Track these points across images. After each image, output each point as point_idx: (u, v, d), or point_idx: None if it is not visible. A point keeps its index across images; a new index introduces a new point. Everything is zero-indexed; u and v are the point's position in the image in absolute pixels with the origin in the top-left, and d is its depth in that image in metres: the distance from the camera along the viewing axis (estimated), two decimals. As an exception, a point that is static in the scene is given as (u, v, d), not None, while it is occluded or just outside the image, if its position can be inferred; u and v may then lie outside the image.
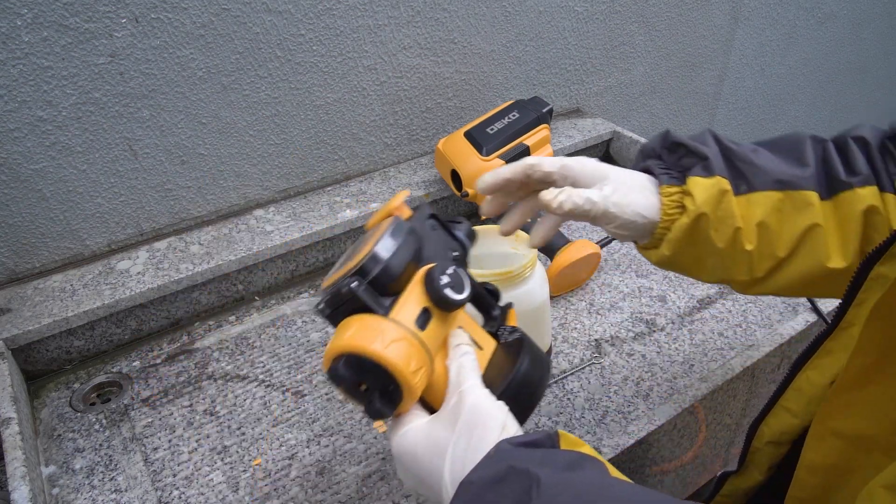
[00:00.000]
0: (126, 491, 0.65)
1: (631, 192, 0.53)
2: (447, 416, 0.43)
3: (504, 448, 0.39)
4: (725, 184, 0.52)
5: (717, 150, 0.54)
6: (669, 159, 0.56)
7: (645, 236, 0.56)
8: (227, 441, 0.70)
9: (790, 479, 0.51)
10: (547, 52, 1.16)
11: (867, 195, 0.50)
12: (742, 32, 1.53)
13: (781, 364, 0.85)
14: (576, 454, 0.38)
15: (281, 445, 0.69)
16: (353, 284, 0.43)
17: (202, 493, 0.65)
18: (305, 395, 0.76)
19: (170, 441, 0.70)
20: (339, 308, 0.45)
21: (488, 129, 0.94)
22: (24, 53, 0.71)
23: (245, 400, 0.75)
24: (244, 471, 0.67)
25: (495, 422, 0.41)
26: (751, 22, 1.53)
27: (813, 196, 0.52)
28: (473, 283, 0.48)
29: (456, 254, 0.51)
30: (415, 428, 0.43)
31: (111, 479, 0.66)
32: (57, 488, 0.65)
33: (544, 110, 0.98)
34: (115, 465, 0.67)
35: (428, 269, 0.46)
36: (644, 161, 0.57)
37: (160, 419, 0.73)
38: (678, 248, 0.54)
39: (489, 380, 0.45)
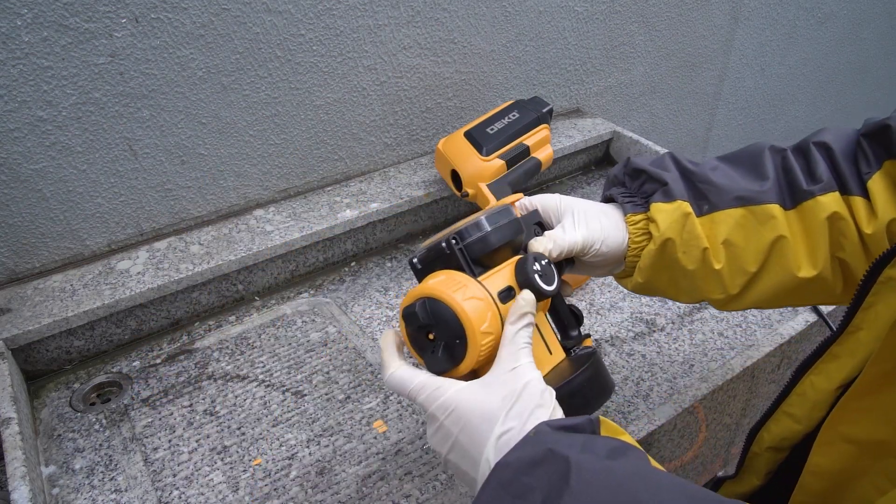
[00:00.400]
0: (126, 491, 0.65)
1: (595, 219, 0.55)
2: (498, 385, 0.42)
3: (543, 430, 0.38)
4: (686, 207, 0.53)
5: (676, 173, 0.55)
6: (632, 186, 0.57)
7: (619, 264, 0.57)
8: (227, 441, 0.70)
9: (788, 484, 0.51)
10: (547, 52, 1.16)
11: (829, 202, 0.50)
12: (742, 32, 1.53)
13: (781, 364, 0.85)
14: (618, 442, 0.37)
15: (281, 445, 0.69)
16: (452, 242, 0.47)
17: (202, 493, 0.65)
18: (305, 395, 0.76)
19: (170, 441, 0.70)
20: (432, 262, 0.48)
21: (488, 129, 0.94)
22: (24, 53, 0.71)
23: (245, 400, 0.75)
24: (244, 471, 0.67)
25: (547, 408, 0.41)
26: (751, 22, 1.53)
27: (775, 209, 0.52)
28: (561, 293, 0.51)
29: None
30: (464, 388, 0.42)
31: (111, 479, 0.66)
32: (57, 488, 0.65)
33: (544, 110, 0.98)
34: (115, 465, 0.67)
35: (523, 256, 0.49)
36: (609, 189, 0.59)
37: (160, 419, 0.73)
38: (650, 273, 0.56)
39: (548, 381, 0.45)
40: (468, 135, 0.94)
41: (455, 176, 0.94)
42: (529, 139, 0.95)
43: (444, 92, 1.06)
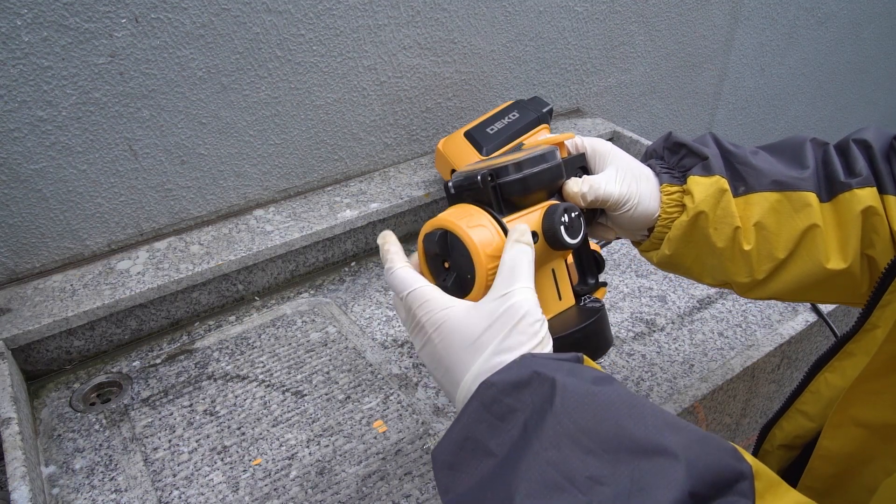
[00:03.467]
0: (126, 491, 0.65)
1: (636, 180, 0.54)
2: (487, 311, 0.41)
3: (529, 356, 0.38)
4: (724, 183, 0.53)
5: (717, 151, 0.55)
6: (671, 159, 0.57)
7: (642, 231, 0.57)
8: (227, 441, 0.70)
9: (798, 481, 0.50)
10: (547, 52, 1.16)
11: (865, 196, 0.50)
12: (742, 32, 1.53)
13: (781, 364, 0.85)
14: (604, 373, 0.37)
15: (281, 445, 0.69)
16: (488, 178, 0.47)
17: (202, 493, 0.65)
18: (305, 395, 0.76)
19: (170, 441, 0.70)
20: (463, 192, 0.48)
21: (488, 129, 0.94)
22: (24, 53, 0.71)
23: (245, 400, 0.75)
24: (244, 471, 0.67)
25: (536, 337, 0.40)
26: (751, 22, 1.53)
27: (811, 197, 0.52)
28: (586, 241, 0.50)
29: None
30: (455, 307, 0.42)
31: (111, 479, 0.66)
32: (57, 488, 0.65)
33: (544, 110, 0.98)
34: (115, 465, 0.67)
35: (555, 203, 0.49)
36: (647, 161, 0.59)
37: (160, 419, 0.73)
38: (678, 247, 0.55)
39: (551, 326, 0.46)
40: (468, 135, 0.94)
41: (455, 176, 0.94)
42: (529, 139, 0.95)
43: (444, 92, 1.06)
